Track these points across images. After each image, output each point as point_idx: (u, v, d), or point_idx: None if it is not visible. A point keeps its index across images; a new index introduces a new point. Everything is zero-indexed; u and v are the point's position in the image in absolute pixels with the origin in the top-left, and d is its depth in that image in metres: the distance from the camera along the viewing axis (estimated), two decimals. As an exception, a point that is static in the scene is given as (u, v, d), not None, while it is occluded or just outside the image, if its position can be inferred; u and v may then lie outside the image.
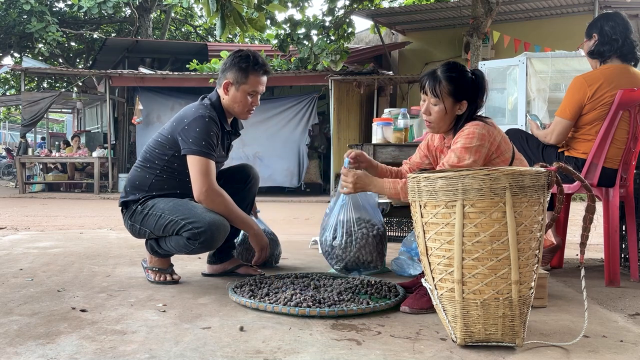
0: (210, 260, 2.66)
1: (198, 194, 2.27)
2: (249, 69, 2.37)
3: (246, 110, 2.45)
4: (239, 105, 2.41)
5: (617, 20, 2.64)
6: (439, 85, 2.07)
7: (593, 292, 2.38)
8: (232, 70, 2.38)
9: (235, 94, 2.39)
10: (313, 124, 10.80)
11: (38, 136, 17.91)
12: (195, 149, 2.27)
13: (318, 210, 7.69)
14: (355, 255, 2.06)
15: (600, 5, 9.77)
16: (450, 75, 2.07)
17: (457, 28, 11.36)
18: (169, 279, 2.43)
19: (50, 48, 15.64)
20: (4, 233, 4.34)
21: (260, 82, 2.42)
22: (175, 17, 19.57)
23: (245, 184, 2.65)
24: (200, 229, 2.20)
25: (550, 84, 6.29)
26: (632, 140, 2.57)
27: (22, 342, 1.60)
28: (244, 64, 2.36)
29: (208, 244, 2.24)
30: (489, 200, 1.50)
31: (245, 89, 2.38)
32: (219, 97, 2.43)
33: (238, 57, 2.38)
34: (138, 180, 2.43)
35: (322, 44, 9.14)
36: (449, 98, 2.07)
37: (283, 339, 1.65)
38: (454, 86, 2.06)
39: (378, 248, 2.08)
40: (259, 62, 2.39)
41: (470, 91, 2.07)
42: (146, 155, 2.44)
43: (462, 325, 1.57)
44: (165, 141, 2.38)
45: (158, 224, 2.31)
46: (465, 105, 2.08)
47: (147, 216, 2.35)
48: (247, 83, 2.38)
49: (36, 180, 12.08)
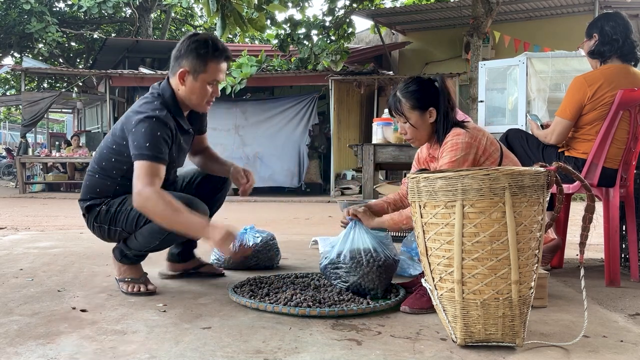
0: (171, 258, 2.53)
1: (133, 195, 2.01)
2: (207, 56, 2.11)
3: (205, 102, 2.21)
4: (197, 96, 2.16)
5: (617, 20, 2.63)
6: (400, 105, 2.16)
7: (593, 292, 2.38)
8: (188, 57, 2.11)
9: (193, 85, 2.14)
10: (313, 124, 10.79)
11: (39, 136, 17.93)
12: (137, 153, 2.04)
13: (318, 210, 7.69)
14: (358, 281, 2.11)
15: (600, 5, 9.78)
16: (406, 92, 2.14)
17: (457, 28, 11.37)
18: (143, 290, 2.19)
19: (50, 48, 15.65)
20: (4, 233, 4.35)
21: (221, 69, 2.16)
22: (176, 17, 19.58)
23: (224, 184, 2.48)
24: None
25: (550, 84, 6.29)
26: (632, 140, 2.56)
27: (23, 342, 1.60)
28: (203, 50, 2.10)
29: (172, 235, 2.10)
30: (488, 200, 1.50)
31: (205, 78, 2.13)
32: (173, 89, 2.17)
33: (195, 41, 2.12)
34: (99, 187, 2.23)
35: (322, 44, 9.15)
36: (414, 112, 2.14)
37: (283, 339, 1.65)
38: (414, 99, 2.13)
39: (381, 277, 2.12)
40: (218, 47, 2.13)
41: (432, 97, 2.13)
42: (102, 163, 2.23)
43: (462, 325, 1.57)
44: (122, 148, 2.15)
45: (130, 217, 2.13)
46: (434, 112, 2.13)
47: (116, 213, 2.17)
48: (207, 72, 2.12)
49: (36, 180, 12.08)
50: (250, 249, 2.41)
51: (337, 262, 2.14)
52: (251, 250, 2.38)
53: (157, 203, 1.96)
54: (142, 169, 2.01)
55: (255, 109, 10.86)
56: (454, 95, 2.19)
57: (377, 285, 2.09)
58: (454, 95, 2.19)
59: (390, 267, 2.14)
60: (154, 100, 2.16)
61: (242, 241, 2.79)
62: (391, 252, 2.18)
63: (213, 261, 2.79)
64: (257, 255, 2.78)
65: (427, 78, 2.19)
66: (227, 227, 1.98)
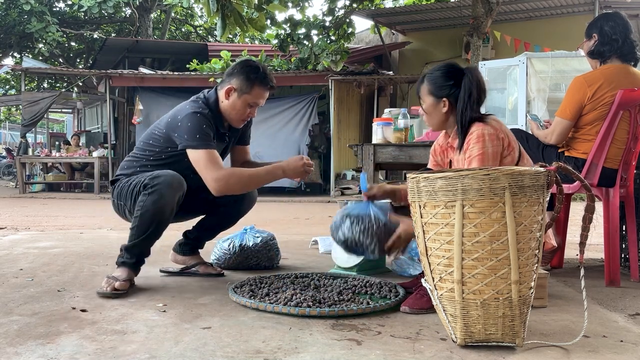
0: (176, 249, 2.71)
1: (211, 188, 2.25)
2: (256, 81, 2.35)
3: (242, 120, 2.44)
4: (237, 113, 2.39)
5: (617, 20, 2.63)
6: (421, 85, 2.17)
7: (593, 292, 2.38)
8: (239, 77, 2.36)
9: (235, 101, 2.37)
10: (313, 124, 10.79)
11: (39, 136, 17.92)
12: (192, 143, 2.26)
13: (318, 210, 7.69)
14: (358, 236, 2.13)
15: (600, 5, 9.78)
16: (431, 75, 2.14)
17: (457, 28, 11.37)
18: (117, 286, 2.17)
19: (50, 48, 15.64)
20: (4, 233, 4.35)
21: (264, 95, 2.41)
22: (176, 17, 19.58)
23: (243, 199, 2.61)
24: (157, 177, 2.21)
25: (550, 84, 6.29)
26: (632, 140, 2.57)
27: (22, 342, 1.60)
28: (253, 74, 2.35)
29: (159, 191, 2.17)
30: (488, 200, 1.50)
31: (247, 99, 2.37)
32: (217, 98, 2.40)
33: (248, 66, 2.38)
34: (126, 165, 2.45)
35: (322, 44, 9.15)
36: (429, 97, 2.14)
37: (283, 339, 1.65)
38: (431, 85, 2.13)
39: (380, 238, 2.16)
40: (267, 76, 2.38)
41: (448, 89, 2.09)
42: (139, 145, 2.46)
43: (462, 325, 1.57)
44: (160, 134, 2.37)
45: (130, 190, 2.30)
46: (447, 103, 2.10)
47: (122, 188, 2.35)
48: (251, 94, 2.36)
49: (36, 180, 12.08)
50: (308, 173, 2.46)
51: (344, 218, 2.14)
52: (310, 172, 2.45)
53: (235, 181, 2.27)
54: (202, 159, 2.24)
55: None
56: (482, 91, 2.10)
57: (374, 244, 2.09)
58: (482, 90, 2.10)
59: (389, 231, 2.15)
60: (198, 101, 2.39)
61: (241, 241, 2.80)
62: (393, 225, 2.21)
63: (213, 261, 2.80)
64: (257, 255, 2.79)
65: (459, 67, 2.14)
66: (288, 160, 2.36)
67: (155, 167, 2.36)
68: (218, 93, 2.41)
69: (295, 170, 2.36)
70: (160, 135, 2.37)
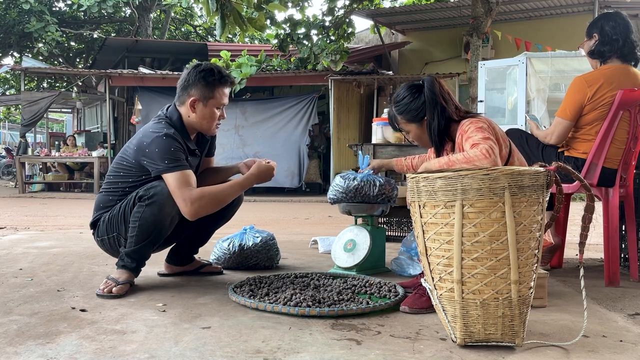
0: (170, 260, 2.60)
1: (183, 212, 2.16)
2: (215, 83, 2.30)
3: (215, 125, 2.39)
4: (209, 121, 2.34)
5: (617, 20, 2.63)
6: (397, 121, 2.28)
7: (593, 292, 2.38)
8: (197, 86, 2.29)
9: (203, 111, 2.31)
10: (313, 123, 10.79)
11: (39, 136, 17.91)
12: (162, 167, 2.17)
13: (318, 210, 7.69)
14: (362, 190, 2.57)
15: (600, 5, 9.78)
16: (398, 107, 2.24)
17: (457, 28, 11.38)
18: (114, 291, 2.16)
19: (50, 48, 15.63)
20: (3, 233, 4.34)
21: (226, 94, 2.38)
22: (175, 16, 19.58)
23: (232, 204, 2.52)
24: (152, 187, 2.16)
25: (550, 84, 6.29)
26: (632, 140, 2.57)
27: (22, 342, 1.60)
28: (210, 77, 2.29)
29: (158, 202, 2.14)
30: (488, 200, 1.50)
31: (214, 103, 2.32)
32: (180, 115, 2.33)
33: (201, 71, 2.30)
34: (102, 203, 2.34)
35: (322, 44, 9.15)
36: (411, 125, 2.24)
37: (283, 339, 1.65)
38: (406, 115, 2.22)
39: (379, 199, 2.60)
40: (223, 74, 2.33)
41: (421, 108, 2.17)
42: (110, 179, 2.34)
43: (462, 325, 1.57)
44: (131, 164, 2.27)
45: (120, 214, 2.23)
46: (425, 120, 2.18)
47: (110, 219, 2.27)
48: (215, 97, 2.31)
49: (36, 180, 12.07)
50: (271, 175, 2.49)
51: (347, 177, 2.61)
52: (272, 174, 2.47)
53: (205, 202, 2.17)
54: (173, 181, 2.16)
55: (255, 109, 10.85)
56: (446, 93, 2.16)
57: (375, 196, 2.56)
58: (447, 91, 2.17)
59: (388, 197, 2.61)
60: (161, 121, 2.30)
61: (241, 241, 2.80)
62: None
63: (213, 261, 2.80)
64: (257, 255, 2.79)
65: (416, 84, 2.21)
66: (257, 166, 2.34)
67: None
68: (179, 109, 2.34)
69: (266, 174, 2.35)
70: (131, 165, 2.27)
